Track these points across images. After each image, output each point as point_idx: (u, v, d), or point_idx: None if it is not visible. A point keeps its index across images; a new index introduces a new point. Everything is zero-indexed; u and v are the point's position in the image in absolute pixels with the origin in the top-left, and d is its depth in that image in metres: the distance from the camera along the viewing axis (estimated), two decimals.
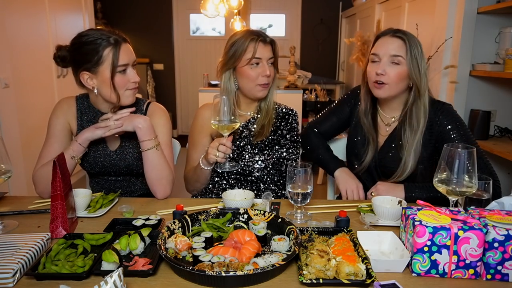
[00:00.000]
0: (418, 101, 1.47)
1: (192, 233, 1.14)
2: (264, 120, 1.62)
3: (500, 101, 2.70)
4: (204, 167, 1.52)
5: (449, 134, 1.45)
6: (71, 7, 4.04)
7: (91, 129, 1.45)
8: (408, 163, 1.47)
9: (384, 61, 1.45)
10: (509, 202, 1.12)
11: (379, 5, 4.23)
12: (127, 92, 1.46)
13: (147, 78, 6.18)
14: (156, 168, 1.46)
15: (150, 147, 1.45)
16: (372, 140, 1.57)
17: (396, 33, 1.45)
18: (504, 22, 2.56)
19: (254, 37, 1.52)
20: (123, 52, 1.42)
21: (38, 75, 3.39)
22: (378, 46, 1.48)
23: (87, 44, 1.39)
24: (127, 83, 1.44)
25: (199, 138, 1.66)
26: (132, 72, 1.46)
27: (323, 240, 1.09)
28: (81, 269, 0.94)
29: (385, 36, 1.48)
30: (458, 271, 0.95)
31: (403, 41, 1.43)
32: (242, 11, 5.34)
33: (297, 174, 1.24)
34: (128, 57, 1.43)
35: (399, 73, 1.43)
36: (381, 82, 1.46)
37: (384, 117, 1.59)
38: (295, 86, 4.15)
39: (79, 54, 1.41)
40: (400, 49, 1.43)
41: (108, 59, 1.39)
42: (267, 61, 1.54)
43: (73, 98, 1.60)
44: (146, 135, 1.44)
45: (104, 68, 1.40)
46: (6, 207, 1.38)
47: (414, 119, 1.47)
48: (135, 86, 1.47)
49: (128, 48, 1.45)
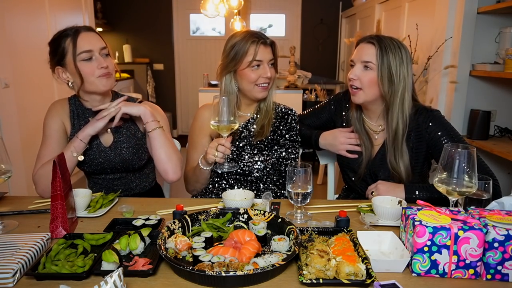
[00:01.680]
0: (391, 108, 1.47)
1: (192, 233, 1.14)
2: (264, 120, 1.62)
3: (500, 101, 2.70)
4: (203, 168, 1.52)
5: (441, 141, 1.45)
6: (71, 7, 4.04)
7: (92, 122, 1.47)
8: (400, 173, 1.47)
9: (357, 67, 1.48)
10: (509, 202, 1.12)
11: (379, 5, 4.23)
12: (98, 79, 1.47)
13: (147, 78, 6.18)
14: (164, 147, 1.49)
15: (154, 127, 1.48)
16: (364, 146, 1.57)
17: (370, 40, 1.47)
18: (504, 22, 2.56)
19: (254, 39, 1.52)
20: (82, 39, 1.44)
21: (38, 75, 3.39)
22: (355, 52, 1.52)
23: (54, 40, 1.47)
24: (94, 69, 1.46)
25: (198, 139, 1.66)
26: (100, 58, 1.46)
27: (323, 240, 1.09)
28: (81, 269, 0.94)
29: (363, 42, 1.51)
30: (458, 271, 0.95)
31: (375, 47, 1.45)
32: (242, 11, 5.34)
33: (297, 174, 1.24)
34: (90, 44, 1.45)
35: (370, 78, 1.45)
36: (355, 87, 1.49)
37: (371, 125, 1.60)
38: (295, 86, 4.15)
39: (50, 52, 1.49)
40: (371, 55, 1.45)
41: (69, 48, 1.44)
42: (268, 63, 1.55)
43: (66, 100, 1.62)
44: (150, 116, 1.48)
45: (69, 58, 1.45)
46: (6, 207, 1.38)
47: (390, 127, 1.48)
48: (105, 72, 1.47)
49: (90, 35, 1.47)
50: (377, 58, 1.44)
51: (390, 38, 1.48)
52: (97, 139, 1.57)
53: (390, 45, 1.45)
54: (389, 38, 1.47)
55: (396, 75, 1.44)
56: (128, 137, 1.58)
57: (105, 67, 1.46)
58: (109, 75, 1.49)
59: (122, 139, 1.58)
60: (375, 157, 1.57)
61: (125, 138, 1.58)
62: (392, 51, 1.44)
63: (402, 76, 1.44)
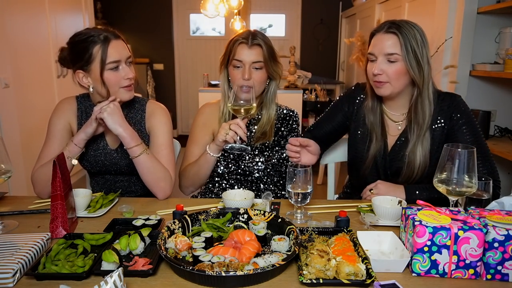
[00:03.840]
0: (422, 95, 1.42)
1: (192, 233, 1.14)
2: (266, 127, 1.61)
3: (500, 101, 2.70)
4: (211, 154, 1.48)
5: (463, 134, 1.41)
6: (71, 7, 4.04)
7: (83, 127, 1.44)
8: (415, 162, 1.43)
9: (380, 60, 1.40)
10: (509, 202, 1.12)
11: (379, 5, 4.23)
12: (122, 90, 1.45)
13: (147, 78, 6.18)
14: (150, 171, 1.44)
15: (139, 153, 1.41)
16: (375, 138, 1.51)
17: (389, 29, 1.39)
18: (504, 22, 2.56)
19: (239, 39, 1.52)
20: (112, 48, 1.41)
21: (38, 75, 3.39)
22: (373, 45, 1.43)
23: (80, 43, 1.41)
24: (121, 80, 1.43)
25: (201, 135, 1.65)
26: (126, 68, 1.44)
27: (323, 240, 1.09)
28: (81, 269, 0.94)
29: (379, 32, 1.42)
30: (458, 271, 0.95)
31: (396, 36, 1.37)
32: (242, 11, 5.34)
33: (297, 174, 1.24)
34: (119, 54, 1.42)
35: (397, 70, 1.38)
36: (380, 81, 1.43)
37: (392, 115, 1.54)
38: (295, 86, 4.15)
39: (73, 53, 1.43)
40: (394, 46, 1.37)
41: (98, 56, 1.39)
42: (251, 65, 1.52)
43: (73, 98, 1.60)
44: (131, 142, 1.40)
45: (95, 65, 1.40)
46: (6, 207, 1.38)
47: (419, 114, 1.43)
48: (130, 83, 1.45)
49: (119, 44, 1.44)
50: (402, 48, 1.36)
51: (406, 22, 1.40)
52: (104, 140, 1.56)
53: (409, 30, 1.37)
54: (405, 22, 1.40)
55: (422, 59, 1.38)
56: None
57: (131, 78, 1.45)
58: (131, 87, 1.47)
59: None
60: (392, 149, 1.51)
61: None
62: (413, 36, 1.37)
63: (426, 58, 1.39)
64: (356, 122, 1.60)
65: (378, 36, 1.42)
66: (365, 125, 1.55)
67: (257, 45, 1.52)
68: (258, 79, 1.54)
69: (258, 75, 1.54)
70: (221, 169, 1.62)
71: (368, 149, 1.53)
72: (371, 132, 1.53)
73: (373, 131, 1.52)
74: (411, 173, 1.46)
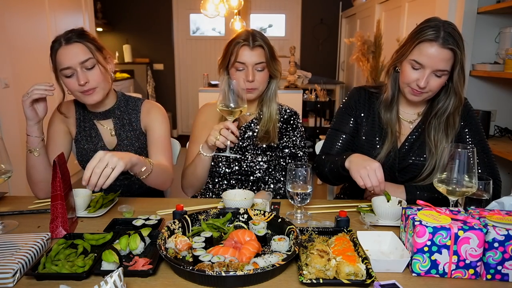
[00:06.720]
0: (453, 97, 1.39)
1: (192, 233, 1.14)
2: (268, 126, 1.60)
3: (500, 101, 2.70)
4: (203, 153, 1.43)
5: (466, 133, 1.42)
6: (71, 7, 4.04)
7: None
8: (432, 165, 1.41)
9: (427, 73, 1.31)
10: (509, 202, 1.12)
11: (379, 5, 4.23)
12: (81, 95, 1.42)
13: (147, 78, 6.18)
14: (159, 178, 1.43)
15: (149, 171, 1.33)
16: (391, 134, 1.46)
17: (447, 44, 1.27)
18: (504, 22, 2.56)
19: (240, 41, 1.51)
20: (61, 55, 1.37)
21: (38, 75, 3.38)
22: (424, 56, 1.30)
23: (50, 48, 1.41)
24: (76, 86, 1.39)
25: (201, 134, 1.65)
26: (81, 74, 1.37)
27: (323, 240, 1.09)
28: (81, 269, 0.94)
29: (434, 44, 1.28)
30: (458, 271, 0.95)
31: (453, 53, 1.28)
32: (242, 11, 5.34)
33: (297, 174, 1.24)
34: (69, 60, 1.36)
35: (441, 83, 1.35)
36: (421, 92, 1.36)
37: (406, 114, 1.51)
38: (295, 86, 4.15)
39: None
40: (447, 63, 1.30)
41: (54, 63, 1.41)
42: (253, 66, 1.52)
43: (71, 101, 1.61)
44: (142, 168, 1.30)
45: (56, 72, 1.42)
46: (6, 207, 1.38)
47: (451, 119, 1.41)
48: (84, 90, 1.39)
49: (69, 49, 1.36)
50: (455, 66, 1.31)
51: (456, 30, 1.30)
52: (102, 141, 1.57)
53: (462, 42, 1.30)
54: (457, 32, 1.30)
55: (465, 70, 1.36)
56: (131, 140, 1.57)
57: (83, 84, 1.37)
58: (90, 92, 1.41)
59: (125, 142, 1.57)
60: (404, 147, 1.48)
61: (128, 141, 1.57)
62: (463, 47, 1.31)
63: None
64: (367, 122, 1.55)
65: (432, 48, 1.29)
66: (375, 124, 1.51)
67: (259, 46, 1.52)
68: (261, 80, 1.55)
69: (261, 75, 1.54)
70: (224, 170, 1.62)
71: (381, 147, 1.48)
72: (386, 131, 1.49)
73: (388, 129, 1.48)
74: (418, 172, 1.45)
